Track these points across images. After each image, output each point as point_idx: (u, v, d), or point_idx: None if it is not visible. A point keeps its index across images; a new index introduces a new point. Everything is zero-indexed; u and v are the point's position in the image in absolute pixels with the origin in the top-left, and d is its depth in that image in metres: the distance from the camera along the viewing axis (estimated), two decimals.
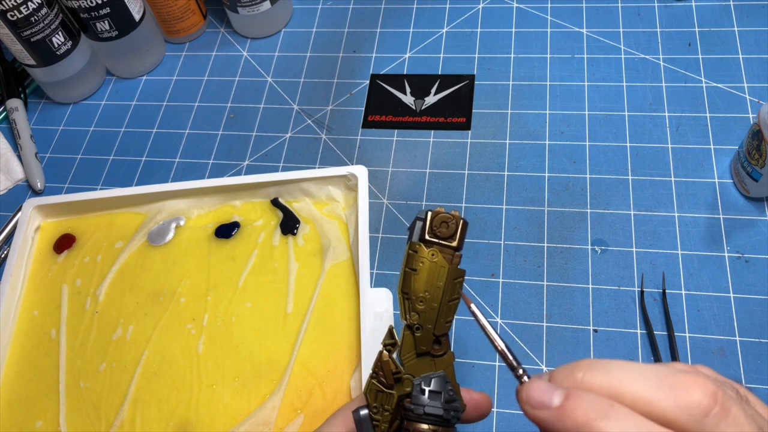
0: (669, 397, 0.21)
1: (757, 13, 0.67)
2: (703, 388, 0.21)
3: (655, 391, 0.21)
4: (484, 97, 0.66)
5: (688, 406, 0.20)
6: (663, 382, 0.21)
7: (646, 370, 0.22)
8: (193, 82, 0.74)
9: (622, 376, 0.22)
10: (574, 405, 0.22)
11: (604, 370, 0.22)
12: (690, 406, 0.20)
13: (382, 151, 0.64)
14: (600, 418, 0.21)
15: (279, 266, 0.55)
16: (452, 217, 0.34)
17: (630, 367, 0.22)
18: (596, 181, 0.59)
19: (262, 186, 0.57)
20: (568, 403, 0.22)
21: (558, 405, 0.22)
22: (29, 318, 0.56)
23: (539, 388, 0.23)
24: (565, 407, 0.22)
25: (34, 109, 0.75)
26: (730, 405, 0.20)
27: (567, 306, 0.54)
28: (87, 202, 0.59)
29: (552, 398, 0.22)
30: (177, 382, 0.51)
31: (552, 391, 0.22)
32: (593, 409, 0.21)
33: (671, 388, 0.21)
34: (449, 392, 0.32)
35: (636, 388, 0.21)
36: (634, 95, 0.64)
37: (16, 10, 0.63)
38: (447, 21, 0.73)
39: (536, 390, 0.23)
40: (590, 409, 0.21)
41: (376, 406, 0.33)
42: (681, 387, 0.21)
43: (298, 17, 0.77)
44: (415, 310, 0.33)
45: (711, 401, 0.20)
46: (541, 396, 0.23)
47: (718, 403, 0.20)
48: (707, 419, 0.20)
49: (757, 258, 0.54)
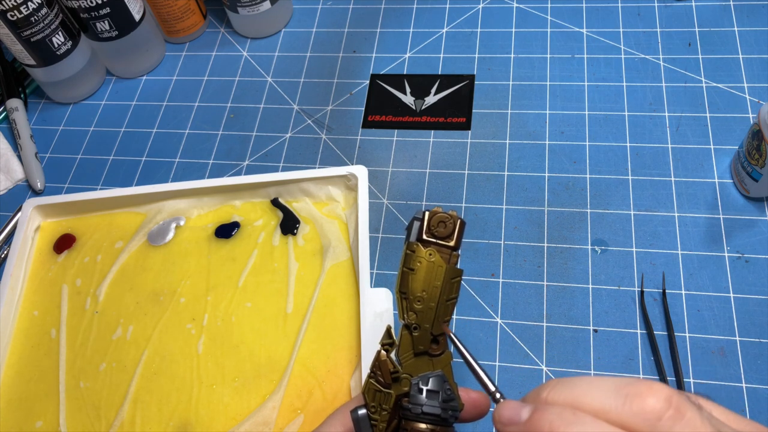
0: (626, 405, 0.22)
1: (757, 13, 0.67)
2: (657, 394, 0.22)
3: (613, 400, 0.22)
4: (484, 97, 0.66)
5: (643, 411, 0.22)
6: (620, 392, 0.23)
7: (606, 382, 0.23)
8: (193, 82, 0.74)
9: (584, 390, 0.23)
10: (539, 417, 0.23)
11: (569, 387, 0.24)
12: (645, 411, 0.22)
13: (382, 151, 0.65)
14: (564, 425, 0.22)
15: (279, 266, 0.55)
16: (450, 217, 0.34)
17: (591, 381, 0.24)
18: (596, 181, 0.59)
19: (262, 186, 0.58)
20: (534, 416, 0.24)
21: (526, 419, 0.24)
22: (29, 318, 0.56)
23: (510, 407, 0.25)
24: (532, 419, 0.24)
25: (34, 109, 0.75)
26: (685, 409, 0.21)
27: (567, 306, 0.54)
28: (87, 202, 0.59)
29: (521, 414, 0.24)
30: (177, 382, 0.51)
31: (521, 408, 0.25)
32: (557, 419, 0.23)
33: (627, 396, 0.22)
34: (447, 391, 0.32)
35: (596, 399, 0.23)
36: (634, 95, 0.64)
37: (16, 10, 0.63)
38: (447, 21, 0.73)
39: (507, 409, 0.25)
40: (555, 420, 0.23)
41: (374, 406, 0.33)
42: (636, 395, 0.22)
43: (298, 17, 0.77)
44: (412, 310, 0.33)
45: (665, 405, 0.22)
46: (510, 413, 0.25)
47: (672, 406, 0.21)
48: (661, 423, 0.21)
49: (757, 258, 0.54)
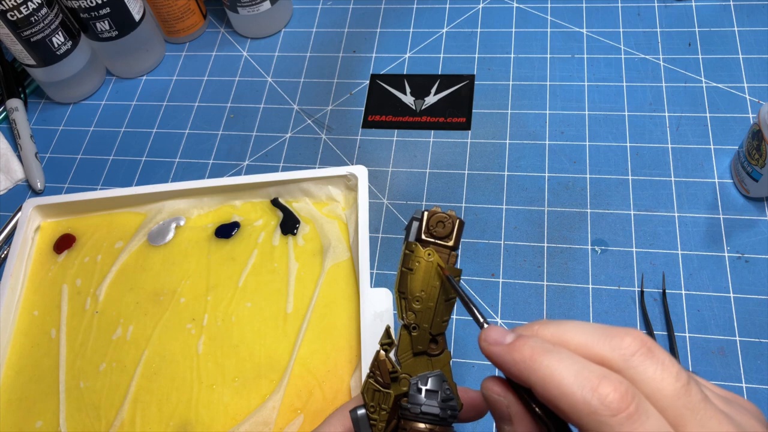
0: (605, 343, 0.25)
1: (757, 13, 0.67)
2: (634, 334, 0.25)
3: (594, 338, 0.25)
4: (484, 97, 0.66)
5: (620, 347, 0.24)
6: (603, 333, 0.25)
7: (591, 325, 0.26)
8: (193, 82, 0.74)
9: (570, 328, 0.26)
10: (523, 343, 0.26)
11: (555, 324, 0.26)
12: (621, 347, 0.24)
13: (382, 151, 0.65)
14: (542, 353, 0.25)
15: (279, 266, 0.55)
16: (448, 217, 0.34)
17: (578, 323, 0.26)
18: (596, 181, 0.59)
19: (262, 186, 0.57)
20: (517, 341, 0.26)
21: (509, 342, 0.26)
22: (29, 318, 0.56)
23: (497, 330, 0.27)
24: (515, 344, 0.26)
25: (34, 109, 0.75)
26: (657, 350, 0.24)
27: (567, 306, 0.54)
28: (87, 202, 0.59)
29: (506, 337, 0.26)
30: (177, 382, 0.51)
31: (507, 333, 0.27)
32: (538, 347, 0.25)
33: (608, 336, 0.25)
34: (446, 391, 0.32)
35: (579, 336, 0.25)
36: (634, 95, 0.64)
37: (16, 10, 0.63)
38: (447, 21, 0.73)
39: (494, 331, 0.27)
40: (536, 347, 0.25)
41: (373, 406, 0.33)
42: (615, 335, 0.25)
43: (298, 17, 0.77)
44: (411, 310, 0.33)
45: (639, 344, 0.24)
46: (496, 335, 0.27)
47: (645, 346, 0.24)
48: (633, 357, 0.24)
49: (757, 258, 0.54)
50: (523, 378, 0.25)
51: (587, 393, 0.23)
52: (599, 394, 0.23)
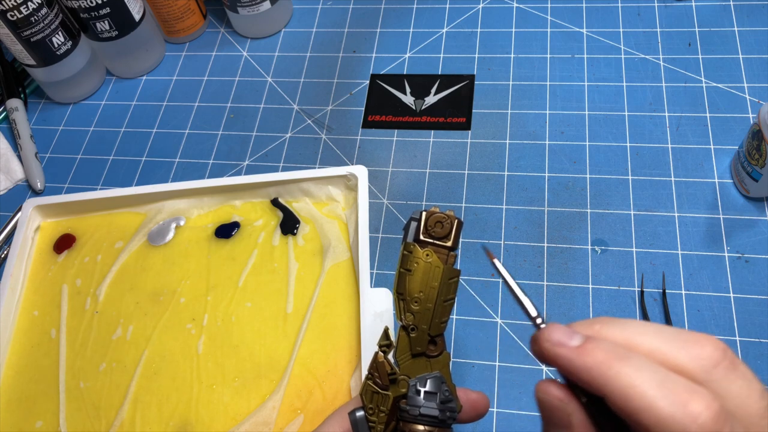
0: (682, 350, 0.22)
1: (757, 13, 0.67)
2: (714, 343, 0.22)
3: (669, 344, 0.23)
4: (484, 97, 0.66)
5: (700, 357, 0.22)
6: (677, 337, 0.23)
7: (661, 328, 0.24)
8: (193, 82, 0.74)
9: (638, 331, 0.24)
10: (593, 346, 0.23)
11: (621, 326, 0.24)
12: (702, 357, 0.22)
13: (382, 151, 0.64)
14: (618, 359, 0.22)
15: (279, 266, 0.55)
16: (447, 217, 0.34)
17: (645, 325, 0.24)
18: (596, 181, 0.59)
19: (262, 186, 0.58)
20: (587, 344, 0.23)
21: (577, 345, 0.23)
22: (29, 318, 0.56)
23: (560, 330, 0.24)
24: (585, 347, 0.23)
25: (34, 109, 0.75)
26: (738, 362, 0.22)
27: (567, 306, 0.54)
28: (87, 202, 0.59)
29: (572, 339, 0.24)
30: (177, 382, 0.51)
31: (572, 334, 0.24)
32: (613, 352, 0.22)
33: (685, 341, 0.23)
34: (445, 393, 0.32)
35: (651, 341, 0.23)
36: (634, 95, 0.64)
37: (16, 10, 0.63)
38: (447, 21, 0.73)
39: (557, 331, 0.24)
40: (609, 351, 0.23)
41: (371, 407, 0.33)
42: (694, 342, 0.23)
43: (298, 17, 0.77)
44: (410, 311, 0.33)
45: (722, 355, 0.22)
46: (561, 336, 0.24)
47: (728, 358, 0.22)
48: (716, 370, 0.22)
49: (757, 258, 0.54)
50: (595, 385, 0.23)
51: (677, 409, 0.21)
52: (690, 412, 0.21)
